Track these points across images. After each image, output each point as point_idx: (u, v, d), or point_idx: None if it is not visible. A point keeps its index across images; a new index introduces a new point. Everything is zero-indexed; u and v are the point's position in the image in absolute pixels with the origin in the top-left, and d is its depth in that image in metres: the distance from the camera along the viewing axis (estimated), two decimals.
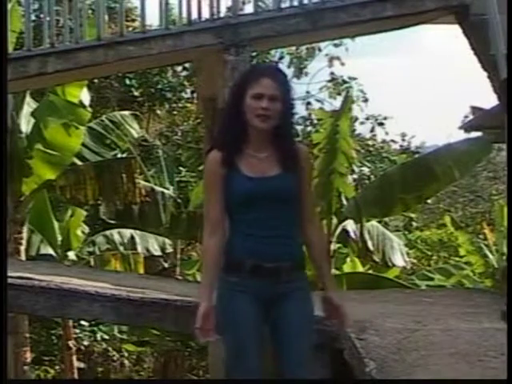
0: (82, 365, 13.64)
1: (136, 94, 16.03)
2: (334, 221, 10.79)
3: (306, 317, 3.74)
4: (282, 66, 16.42)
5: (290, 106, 3.76)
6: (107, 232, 12.86)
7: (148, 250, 12.93)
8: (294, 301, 3.70)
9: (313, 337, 3.78)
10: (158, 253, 13.24)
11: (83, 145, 10.97)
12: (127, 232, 12.80)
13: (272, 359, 3.76)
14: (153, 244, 13.01)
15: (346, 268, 13.09)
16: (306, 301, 3.75)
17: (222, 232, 3.70)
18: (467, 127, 9.50)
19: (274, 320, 3.72)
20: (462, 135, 10.09)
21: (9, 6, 7.81)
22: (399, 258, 12.42)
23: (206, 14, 6.91)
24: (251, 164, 3.68)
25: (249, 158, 3.68)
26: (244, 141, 3.69)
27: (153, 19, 7.77)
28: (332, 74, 16.90)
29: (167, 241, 13.26)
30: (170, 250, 13.81)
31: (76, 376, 12.68)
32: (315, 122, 15.27)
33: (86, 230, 13.26)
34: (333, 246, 10.98)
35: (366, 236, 11.99)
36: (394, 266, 12.58)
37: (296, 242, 3.77)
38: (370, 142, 18.27)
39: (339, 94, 16.41)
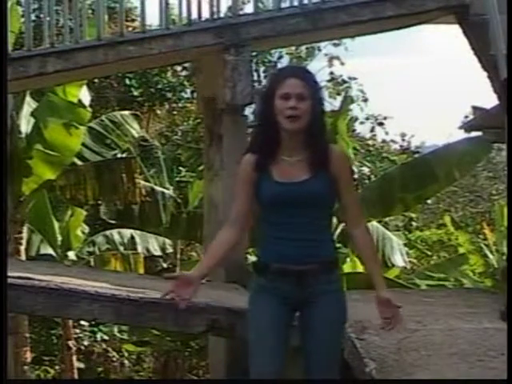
0: (81, 365, 13.64)
1: (136, 93, 16.03)
2: (335, 220, 10.79)
3: (333, 321, 3.73)
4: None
5: (320, 105, 3.75)
6: (107, 232, 12.85)
7: (148, 250, 12.92)
8: (321, 304, 3.70)
9: (340, 341, 3.80)
10: (157, 253, 13.23)
11: (83, 145, 10.96)
12: (127, 232, 12.79)
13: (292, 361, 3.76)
14: (153, 244, 13.01)
15: (347, 268, 13.08)
16: (334, 304, 3.74)
17: (238, 231, 3.78)
18: (467, 127, 9.49)
19: (302, 323, 3.74)
20: (461, 135, 10.07)
21: (8, 5, 7.80)
22: (399, 258, 12.44)
23: (206, 14, 6.92)
24: (282, 169, 3.70)
25: (280, 162, 3.70)
26: (277, 145, 3.71)
27: (153, 19, 7.79)
28: (332, 73, 16.92)
29: (167, 241, 13.26)
30: (169, 250, 13.81)
31: (76, 376, 12.68)
32: None
33: (86, 229, 13.25)
34: None
35: None
36: (393, 266, 12.60)
37: (325, 245, 3.77)
38: (370, 142, 18.27)
39: (339, 93, 16.42)
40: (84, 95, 10.48)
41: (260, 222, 3.79)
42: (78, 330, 13.75)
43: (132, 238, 12.79)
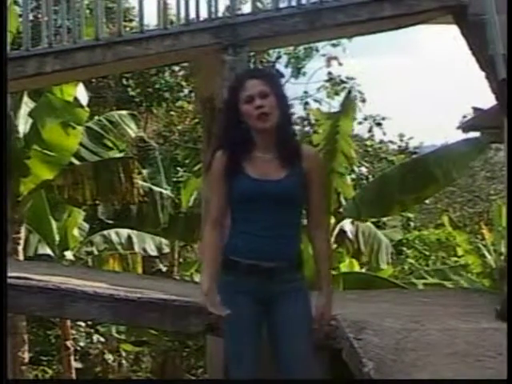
0: (79, 365, 13.64)
1: (133, 93, 16.02)
2: (333, 220, 10.81)
3: (303, 317, 3.75)
4: (280, 66, 16.46)
5: (284, 99, 3.77)
6: (105, 232, 12.85)
7: (145, 250, 12.93)
8: (291, 301, 3.71)
9: (310, 337, 3.79)
10: (155, 253, 13.24)
11: (81, 145, 10.96)
12: (125, 232, 12.79)
13: (270, 358, 3.76)
14: (150, 244, 13.01)
15: (343, 268, 13.09)
16: (303, 301, 3.76)
17: (221, 229, 3.77)
18: (465, 127, 9.51)
19: (271, 320, 3.74)
20: (460, 135, 10.08)
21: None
22: (383, 259, 12.49)
23: (203, 14, 6.91)
24: (256, 165, 3.71)
25: (255, 159, 3.71)
26: (250, 143, 3.72)
27: (151, 19, 7.77)
28: (330, 74, 16.93)
29: (164, 241, 13.26)
30: (167, 250, 13.82)
31: (74, 376, 12.67)
32: (313, 122, 15.29)
33: (86, 228, 13.25)
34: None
35: (360, 236, 12.04)
36: (378, 267, 12.64)
37: (295, 243, 3.78)
38: (368, 143, 18.29)
39: (337, 94, 16.44)
40: (82, 95, 10.46)
41: (230, 218, 3.78)
42: (75, 331, 13.74)
43: (130, 237, 12.79)
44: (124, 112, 12.30)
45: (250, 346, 3.68)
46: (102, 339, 14.32)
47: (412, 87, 46.37)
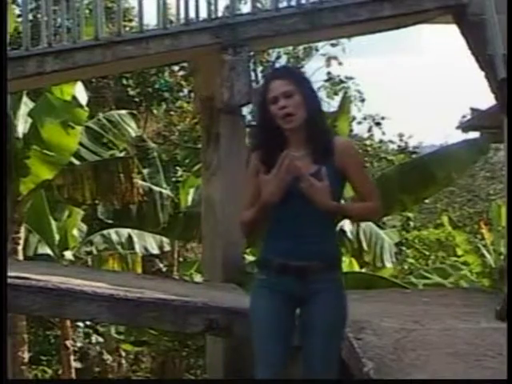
0: (79, 365, 13.63)
1: (133, 93, 16.02)
2: None
3: (334, 319, 3.73)
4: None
5: (311, 97, 3.76)
6: (105, 232, 12.84)
7: (146, 250, 12.92)
8: (323, 301, 3.69)
9: (340, 339, 3.80)
10: (156, 251, 13.24)
11: (81, 144, 10.95)
12: (125, 232, 12.78)
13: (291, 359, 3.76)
14: (151, 244, 13.00)
15: (344, 267, 13.09)
16: (335, 303, 3.74)
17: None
18: (465, 127, 9.51)
19: (303, 319, 3.73)
20: (459, 135, 10.09)
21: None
22: (387, 259, 12.49)
23: (203, 14, 6.92)
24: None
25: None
26: (283, 141, 3.72)
27: (150, 19, 7.78)
28: (329, 73, 16.97)
29: (165, 240, 13.25)
30: (167, 249, 13.81)
31: (73, 376, 12.67)
32: None
33: (84, 228, 13.25)
34: None
35: (362, 236, 12.03)
36: (383, 266, 12.64)
37: (328, 242, 3.76)
38: (368, 142, 18.30)
39: (336, 93, 16.46)
40: (81, 95, 10.46)
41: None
42: (75, 330, 13.74)
43: (129, 237, 12.78)
44: (124, 111, 12.29)
45: (275, 342, 3.66)
46: (102, 339, 14.32)
47: (412, 87, 46.42)
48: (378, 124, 17.95)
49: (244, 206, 3.79)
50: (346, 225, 11.56)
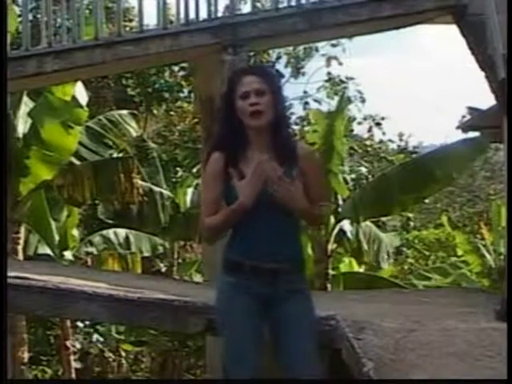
0: (79, 365, 13.63)
1: (133, 93, 16.01)
2: (332, 220, 10.82)
3: (307, 319, 3.73)
4: (280, 66, 16.47)
5: (281, 100, 3.74)
6: (104, 232, 12.84)
7: (145, 250, 12.92)
8: (294, 303, 3.69)
9: (314, 339, 3.77)
10: (155, 252, 13.24)
11: (81, 144, 10.94)
12: (124, 232, 12.78)
13: (271, 359, 3.75)
14: (150, 244, 13.00)
15: (344, 268, 13.10)
16: (306, 303, 3.75)
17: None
18: (465, 127, 9.50)
19: (274, 321, 3.72)
20: (459, 135, 10.09)
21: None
22: (383, 260, 12.52)
23: (203, 14, 6.91)
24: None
25: (251, 160, 3.64)
26: (246, 143, 3.68)
27: (150, 19, 7.78)
28: (329, 73, 16.95)
29: (160, 241, 13.25)
30: (167, 249, 13.81)
31: (73, 376, 12.66)
32: (312, 122, 15.30)
33: (84, 229, 13.26)
34: (330, 246, 11.01)
35: (361, 236, 12.05)
36: (380, 267, 12.65)
37: (296, 245, 3.77)
38: (368, 142, 18.28)
39: (336, 93, 16.44)
40: (81, 95, 10.45)
41: None
42: (75, 330, 13.74)
43: (129, 237, 12.78)
44: (124, 111, 12.29)
45: (250, 347, 3.65)
46: (102, 339, 14.32)
47: (412, 87, 46.41)
48: (378, 124, 17.93)
49: (207, 211, 3.69)
50: (346, 225, 11.57)
